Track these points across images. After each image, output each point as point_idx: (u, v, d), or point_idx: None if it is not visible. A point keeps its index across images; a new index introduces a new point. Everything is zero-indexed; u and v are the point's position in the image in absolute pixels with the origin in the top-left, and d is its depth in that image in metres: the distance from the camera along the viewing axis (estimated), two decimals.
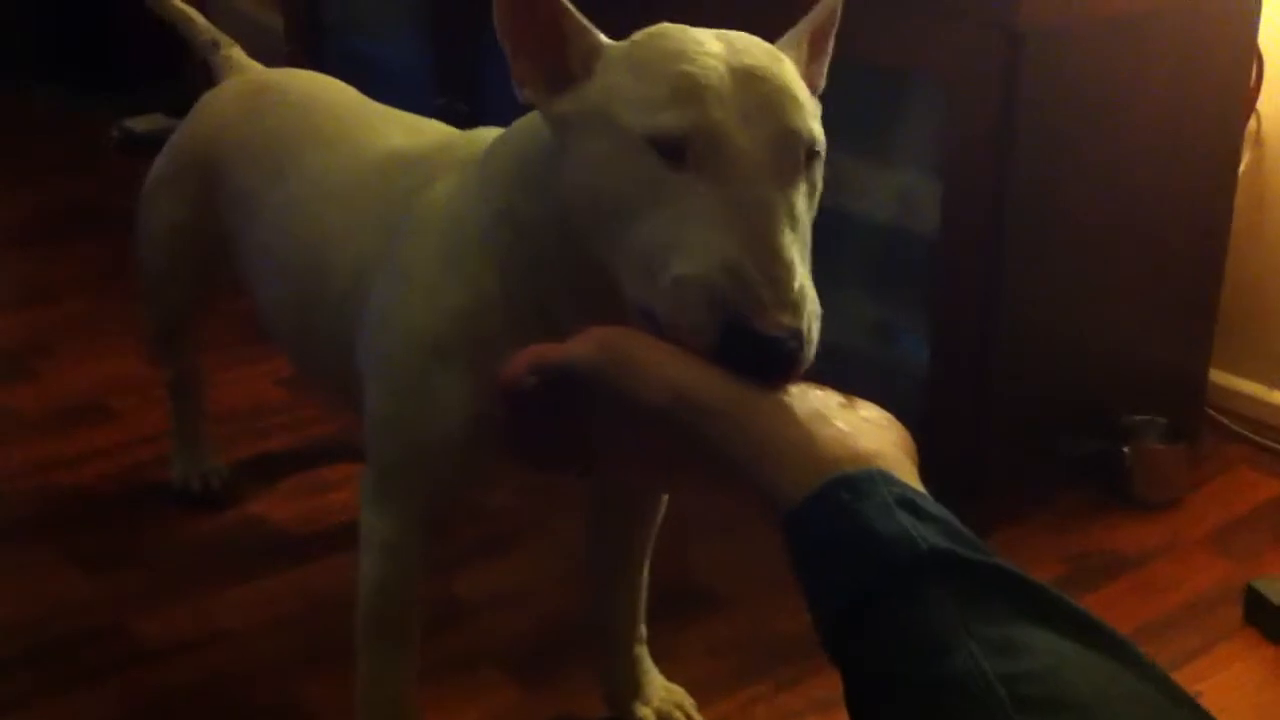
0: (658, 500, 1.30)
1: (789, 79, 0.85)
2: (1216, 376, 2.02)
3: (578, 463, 0.81)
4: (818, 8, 0.98)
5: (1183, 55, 1.75)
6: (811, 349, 0.77)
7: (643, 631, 1.38)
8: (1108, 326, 1.82)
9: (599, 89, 0.88)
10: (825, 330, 0.80)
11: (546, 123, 0.93)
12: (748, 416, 0.69)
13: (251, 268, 1.39)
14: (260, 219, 1.35)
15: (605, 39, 0.90)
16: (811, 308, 0.79)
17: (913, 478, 0.66)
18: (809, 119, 0.85)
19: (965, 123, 1.62)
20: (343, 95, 1.45)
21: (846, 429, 0.68)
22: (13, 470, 1.84)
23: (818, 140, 0.85)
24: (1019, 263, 1.65)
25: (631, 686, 1.38)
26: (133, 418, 1.98)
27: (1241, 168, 1.92)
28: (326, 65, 1.72)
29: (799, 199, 0.83)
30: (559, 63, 0.90)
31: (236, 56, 1.62)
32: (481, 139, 1.13)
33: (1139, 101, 1.72)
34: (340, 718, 1.29)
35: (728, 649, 1.51)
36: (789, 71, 0.86)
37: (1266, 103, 1.91)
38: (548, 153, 0.94)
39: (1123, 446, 1.81)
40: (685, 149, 0.81)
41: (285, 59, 2.63)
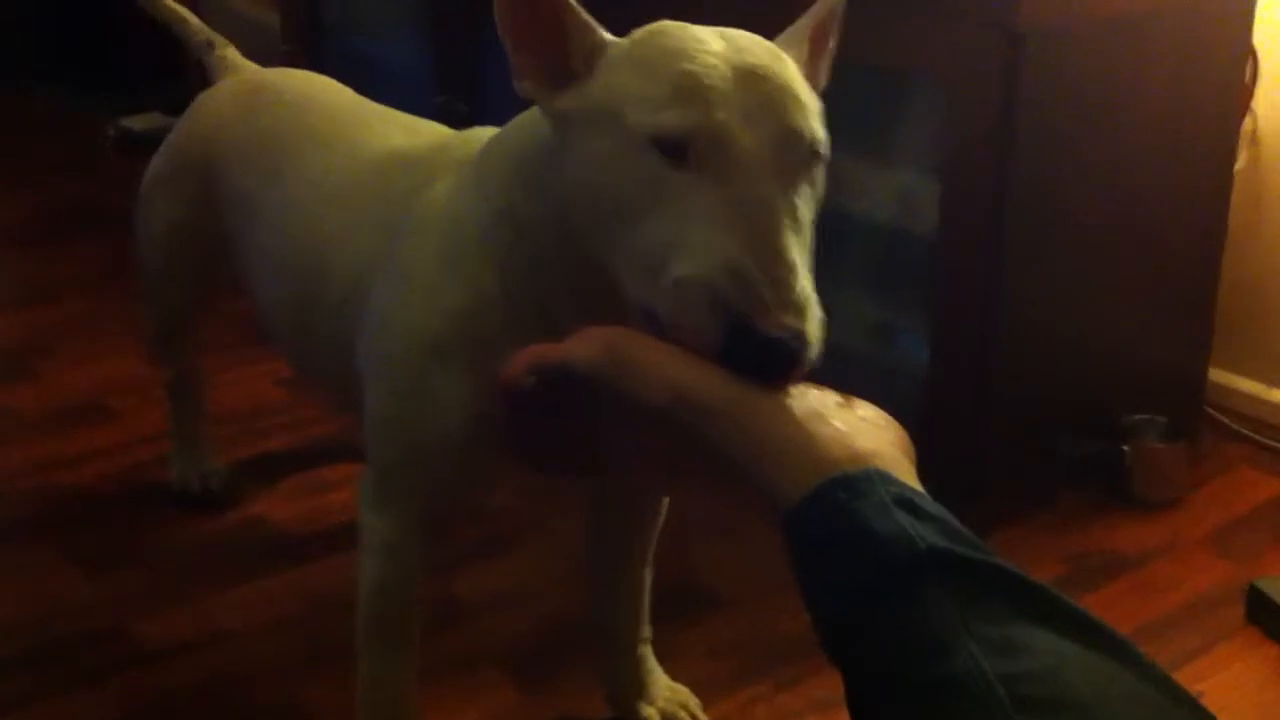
0: (659, 501, 1.30)
1: (791, 78, 0.85)
2: (1216, 375, 2.02)
3: (578, 464, 0.81)
4: (819, 4, 0.98)
5: (1181, 55, 1.75)
6: (814, 351, 0.77)
7: (647, 631, 1.37)
8: (1107, 326, 1.82)
9: (601, 86, 0.88)
10: (825, 331, 0.80)
11: (547, 119, 0.93)
12: (747, 416, 0.69)
13: (250, 268, 1.39)
14: (258, 220, 1.35)
15: (608, 35, 0.90)
16: (814, 309, 0.78)
17: (911, 477, 0.66)
18: (811, 119, 0.85)
19: (965, 123, 1.61)
20: (339, 95, 1.44)
21: (844, 429, 0.68)
22: (13, 470, 1.84)
23: (820, 140, 0.85)
24: (1019, 263, 1.65)
25: (636, 686, 1.38)
26: (133, 418, 1.98)
27: (1238, 166, 1.91)
28: (325, 65, 1.72)
29: (801, 199, 0.83)
30: (560, 59, 0.90)
31: (231, 57, 1.62)
32: (478, 138, 1.13)
33: (1138, 101, 1.72)
34: (340, 718, 1.29)
35: (728, 649, 1.51)
36: (791, 70, 0.86)
37: (1262, 101, 1.91)
38: (547, 150, 0.94)
39: (1122, 446, 1.81)
40: (687, 148, 0.81)
41: (282, 58, 2.63)
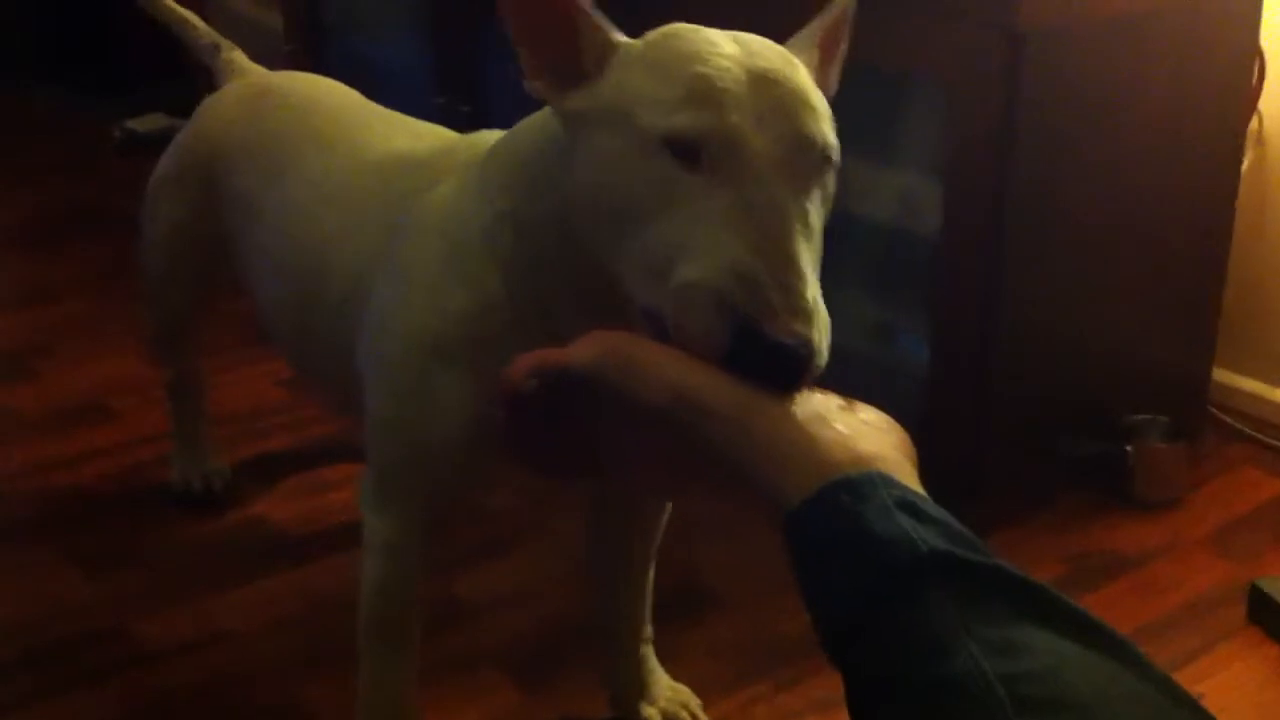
0: (661, 505, 1.30)
1: (804, 84, 0.85)
2: (1219, 375, 2.02)
3: (579, 468, 0.81)
4: (828, 9, 0.98)
5: (1184, 55, 1.74)
6: (821, 358, 0.76)
7: (648, 631, 1.37)
8: (1108, 326, 1.82)
9: (612, 87, 0.87)
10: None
11: (556, 118, 0.92)
12: (750, 420, 0.69)
13: (251, 269, 1.39)
14: (260, 221, 1.36)
15: (620, 36, 0.90)
16: (822, 317, 0.78)
17: (913, 480, 0.66)
18: (824, 125, 0.85)
19: (966, 123, 1.61)
20: (344, 98, 1.45)
21: (847, 432, 0.68)
22: (13, 470, 1.84)
23: (832, 146, 0.85)
24: (1019, 263, 1.65)
25: (637, 687, 1.38)
26: (133, 418, 1.98)
27: (1244, 167, 1.91)
28: (327, 66, 1.72)
29: (813, 205, 0.82)
30: (571, 58, 0.90)
31: (238, 60, 1.62)
32: (483, 141, 1.13)
33: (1140, 101, 1.72)
34: (340, 718, 1.29)
35: (728, 650, 1.51)
36: (803, 75, 0.86)
37: (1268, 102, 1.91)
38: (554, 151, 0.94)
39: (1124, 446, 1.80)
40: (700, 151, 0.81)
41: (284, 59, 2.63)
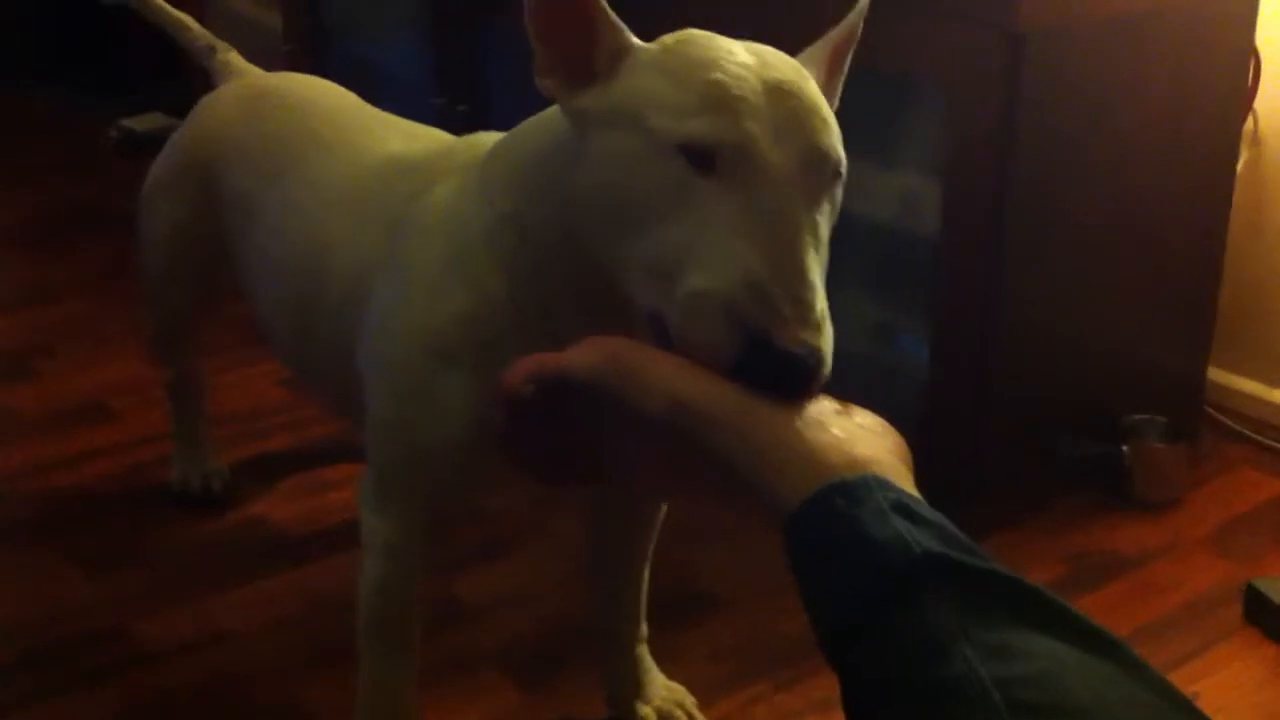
0: (658, 505, 1.30)
1: (817, 97, 0.86)
2: (1216, 375, 2.02)
3: (579, 473, 0.80)
4: (839, 26, 0.98)
5: (1182, 55, 1.75)
6: (827, 368, 0.77)
7: (644, 631, 1.38)
8: (1108, 326, 1.82)
9: (626, 89, 0.87)
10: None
11: (566, 117, 0.92)
12: (748, 425, 0.69)
13: (249, 271, 1.39)
14: (258, 222, 1.35)
15: (636, 40, 0.90)
16: (829, 328, 0.79)
17: (909, 484, 0.66)
18: (835, 139, 0.85)
19: (965, 124, 1.61)
20: (341, 100, 1.45)
21: (843, 436, 0.68)
22: (13, 471, 1.84)
23: (842, 161, 0.85)
24: (1019, 263, 1.65)
25: (633, 686, 1.38)
26: (133, 418, 1.98)
27: (1239, 166, 1.91)
28: (326, 66, 1.72)
29: (822, 217, 0.83)
30: (585, 58, 0.90)
31: (234, 61, 1.62)
32: (482, 143, 1.13)
33: (1139, 101, 1.72)
34: (340, 718, 1.29)
35: (728, 651, 1.51)
36: (816, 89, 0.87)
37: (1263, 101, 1.91)
38: (559, 152, 0.94)
39: (1122, 446, 1.81)
40: (715, 157, 0.81)
41: (283, 59, 2.63)
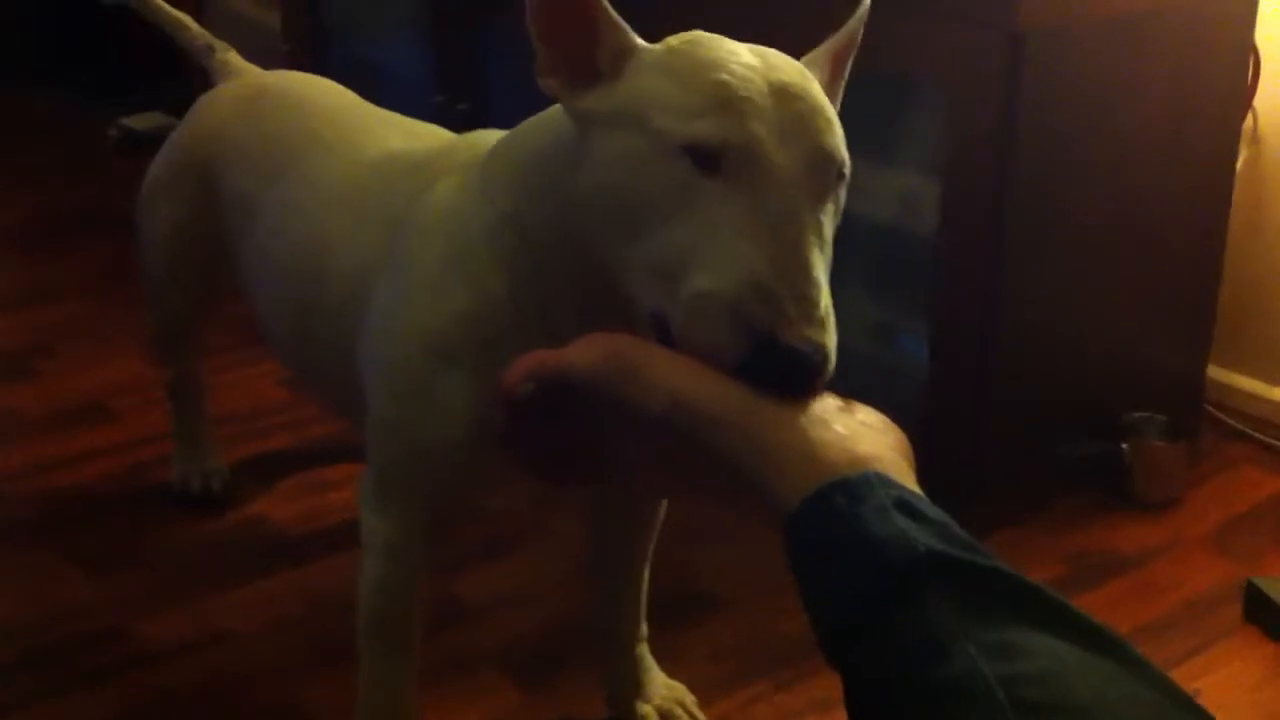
0: (658, 505, 1.30)
1: (821, 99, 0.86)
2: (1216, 373, 2.01)
3: (580, 472, 0.80)
4: (841, 31, 0.98)
5: (1182, 54, 1.75)
6: (831, 365, 0.77)
7: (644, 630, 1.38)
8: (1108, 326, 1.82)
9: (630, 90, 0.87)
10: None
11: (569, 117, 0.92)
12: (749, 425, 0.69)
13: (249, 271, 1.39)
14: (258, 222, 1.35)
15: (640, 40, 0.90)
16: (833, 326, 0.79)
17: (910, 481, 0.66)
18: (840, 141, 0.85)
19: (965, 123, 1.61)
20: (340, 98, 1.44)
21: (845, 433, 0.68)
22: (13, 471, 1.84)
23: (846, 163, 0.85)
24: (1019, 263, 1.65)
25: (633, 685, 1.38)
26: (134, 418, 1.98)
27: (1239, 165, 1.91)
28: (326, 66, 1.72)
29: (827, 219, 0.83)
30: (588, 58, 0.90)
31: (233, 60, 1.62)
32: (483, 141, 1.13)
33: (1139, 101, 1.72)
34: (341, 719, 1.29)
35: (728, 651, 1.51)
36: (820, 91, 0.87)
37: (1263, 100, 1.91)
38: (561, 151, 0.94)
39: (1122, 445, 1.81)
40: (720, 158, 0.81)
41: (283, 59, 2.63)
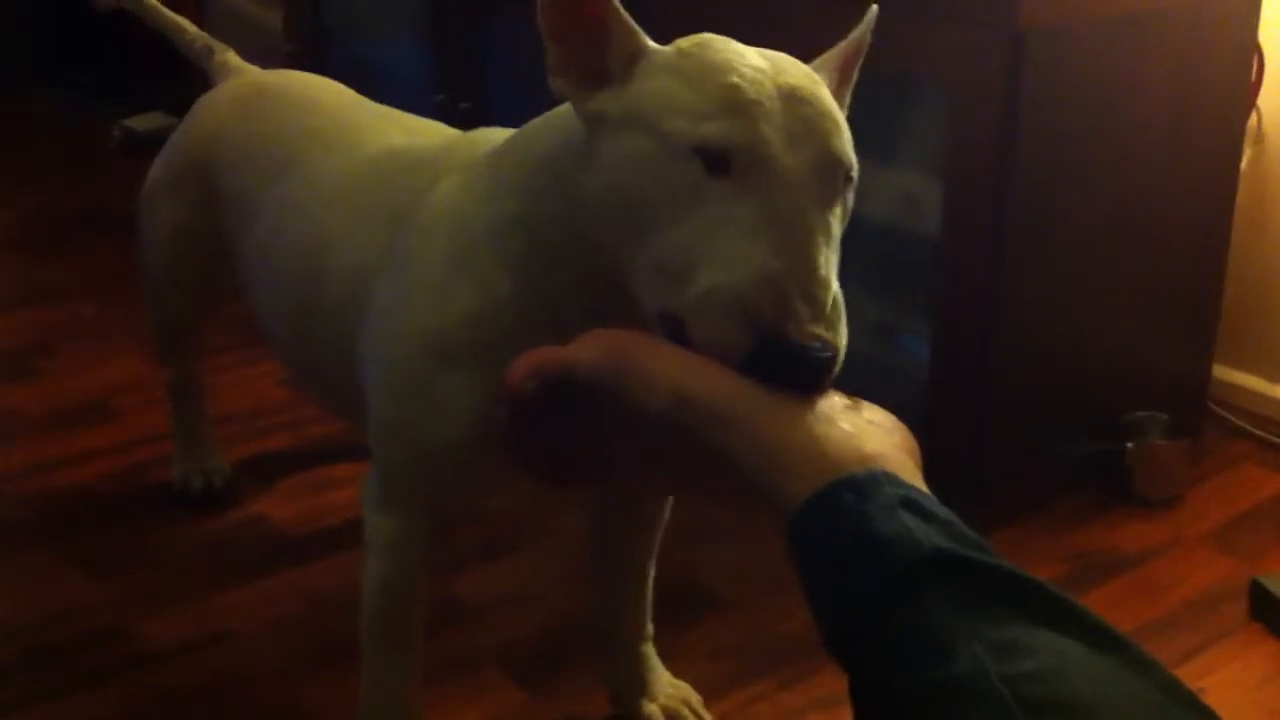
0: (662, 503, 1.30)
1: (830, 103, 0.86)
2: (1219, 371, 2.01)
3: (583, 471, 0.80)
4: (850, 37, 0.99)
5: (1184, 53, 1.74)
6: (839, 362, 0.78)
7: (649, 629, 1.38)
8: (1109, 326, 1.82)
9: (641, 92, 0.88)
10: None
11: (579, 118, 0.92)
12: (754, 422, 0.69)
13: (249, 271, 1.39)
14: (258, 222, 1.35)
15: (651, 43, 0.90)
16: (843, 325, 0.80)
17: (917, 479, 0.66)
18: (848, 145, 0.86)
19: (966, 123, 1.61)
20: (341, 96, 1.44)
21: (852, 431, 0.68)
22: (13, 471, 1.84)
23: (854, 166, 0.86)
24: (1020, 262, 1.65)
25: (638, 684, 1.38)
26: (134, 418, 1.98)
27: (1243, 164, 1.91)
28: (327, 66, 1.72)
29: (835, 222, 0.84)
30: (598, 59, 0.90)
31: (232, 61, 1.62)
32: (485, 139, 1.13)
33: (1140, 101, 1.72)
34: (342, 718, 1.29)
35: (730, 650, 1.51)
36: (829, 95, 0.87)
37: (1267, 99, 1.91)
38: (570, 152, 0.94)
39: (1124, 443, 1.80)
40: (729, 160, 0.82)
41: (285, 59, 2.63)
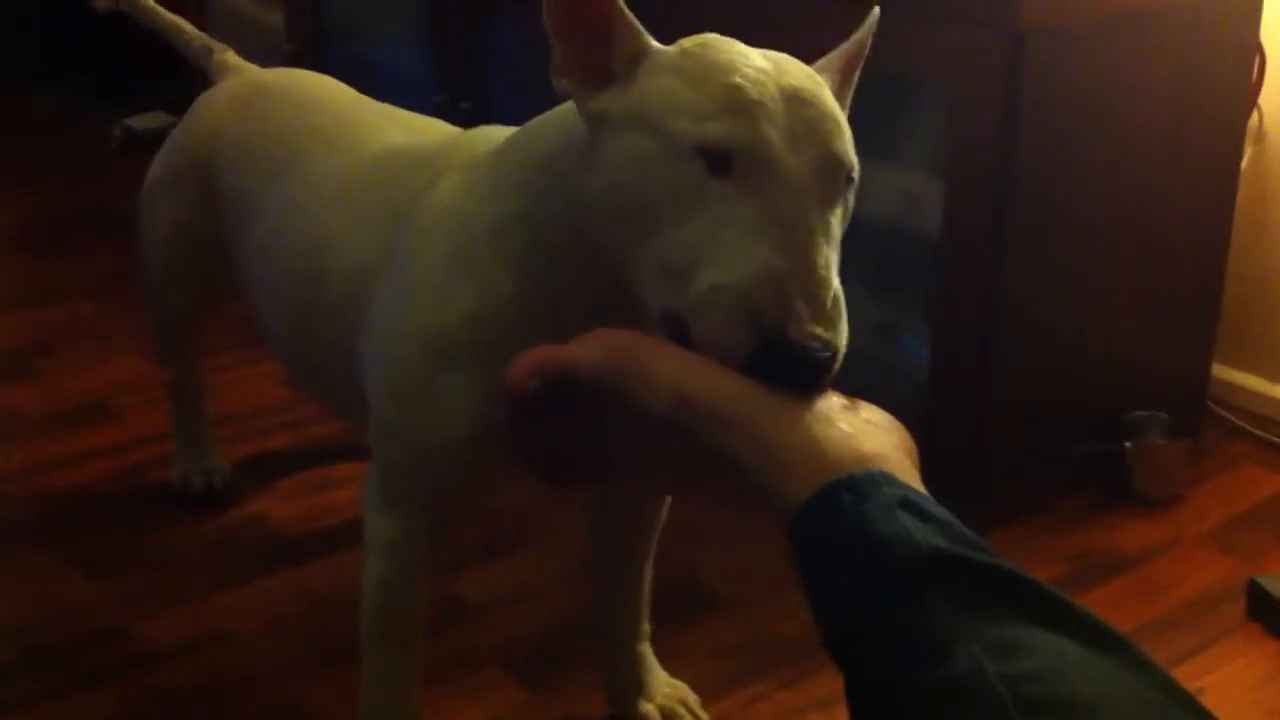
0: (660, 503, 1.30)
1: (832, 105, 0.86)
2: (1219, 371, 2.01)
3: (583, 470, 0.80)
4: (851, 40, 0.99)
5: (1184, 53, 1.74)
6: (838, 364, 0.78)
7: (646, 628, 1.37)
8: (1109, 325, 1.82)
9: (644, 91, 0.88)
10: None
11: (582, 118, 0.93)
12: (754, 423, 0.69)
13: (249, 270, 1.38)
14: (257, 221, 1.35)
15: (654, 43, 0.90)
16: (844, 324, 0.80)
17: (915, 479, 0.66)
18: (849, 147, 0.86)
19: (967, 123, 1.61)
20: (341, 95, 1.44)
21: (850, 431, 0.68)
22: (13, 471, 1.84)
23: (855, 168, 0.86)
24: (1020, 262, 1.65)
25: (635, 684, 1.38)
26: (134, 418, 1.98)
27: (1244, 163, 1.91)
28: (328, 67, 1.72)
29: (836, 223, 0.84)
30: (603, 59, 0.90)
31: (231, 60, 1.62)
32: (485, 138, 1.13)
33: (1140, 100, 1.72)
34: (342, 718, 1.29)
35: (730, 649, 1.51)
36: (831, 97, 0.87)
37: (1268, 98, 1.91)
38: (572, 151, 0.94)
39: (1124, 443, 1.80)
40: (731, 160, 0.82)
41: (285, 59, 2.63)
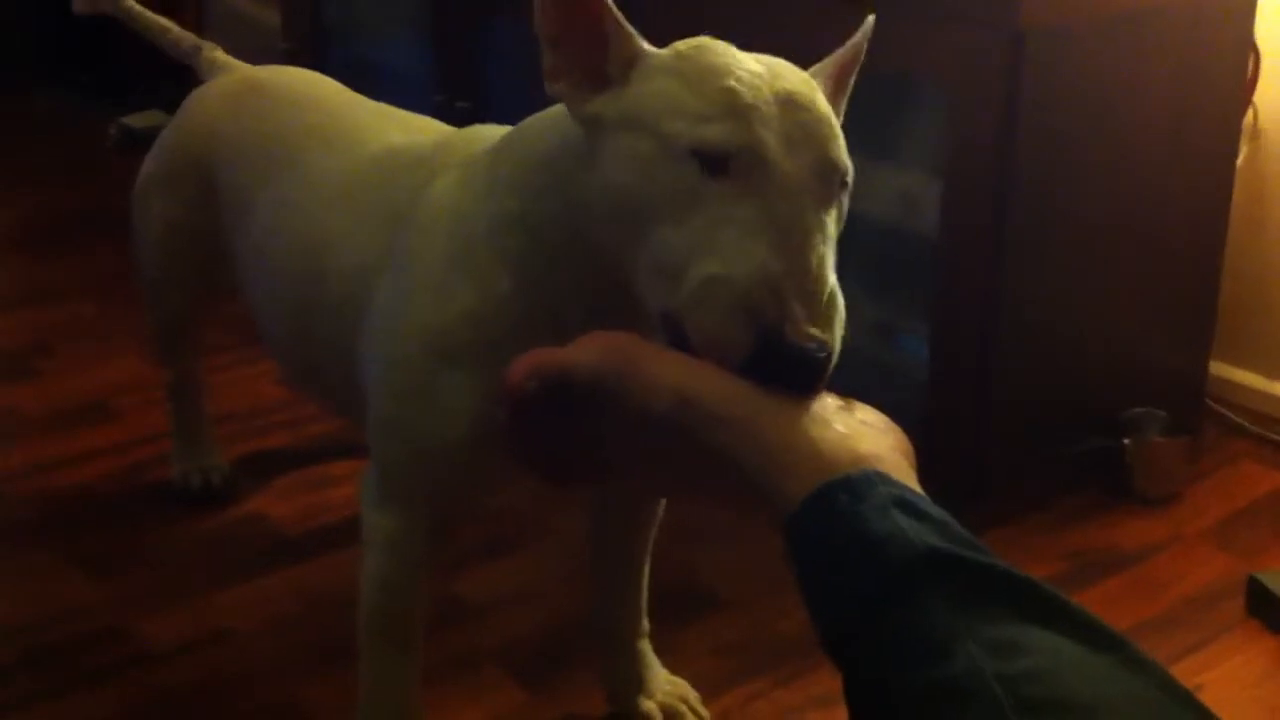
0: (657, 502, 1.30)
1: (826, 109, 0.87)
2: (1217, 369, 2.01)
3: (582, 471, 0.80)
4: (847, 45, 0.99)
5: (1182, 52, 1.74)
6: (833, 362, 0.78)
7: (645, 626, 1.38)
8: (1108, 323, 1.82)
9: (639, 94, 0.88)
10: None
11: (576, 121, 0.93)
12: (752, 424, 0.69)
13: (246, 269, 1.38)
14: (254, 221, 1.34)
15: (647, 46, 0.91)
16: (840, 324, 0.80)
17: (911, 480, 0.66)
18: (843, 150, 0.87)
19: (966, 123, 1.61)
20: (337, 94, 1.43)
21: (846, 432, 0.68)
22: (13, 471, 1.84)
23: (850, 171, 0.87)
24: (1019, 262, 1.65)
25: (635, 682, 1.38)
26: (134, 418, 1.98)
27: (1239, 161, 1.91)
28: (327, 66, 1.71)
29: (832, 225, 0.84)
30: (596, 63, 0.90)
31: (220, 58, 1.61)
32: (481, 136, 1.13)
33: (1140, 100, 1.72)
34: (341, 718, 1.29)
35: (729, 648, 1.51)
36: (825, 101, 0.88)
37: (1263, 95, 1.91)
38: (571, 154, 0.95)
39: (1123, 440, 1.81)
40: (728, 162, 0.82)
41: (282, 57, 2.62)
